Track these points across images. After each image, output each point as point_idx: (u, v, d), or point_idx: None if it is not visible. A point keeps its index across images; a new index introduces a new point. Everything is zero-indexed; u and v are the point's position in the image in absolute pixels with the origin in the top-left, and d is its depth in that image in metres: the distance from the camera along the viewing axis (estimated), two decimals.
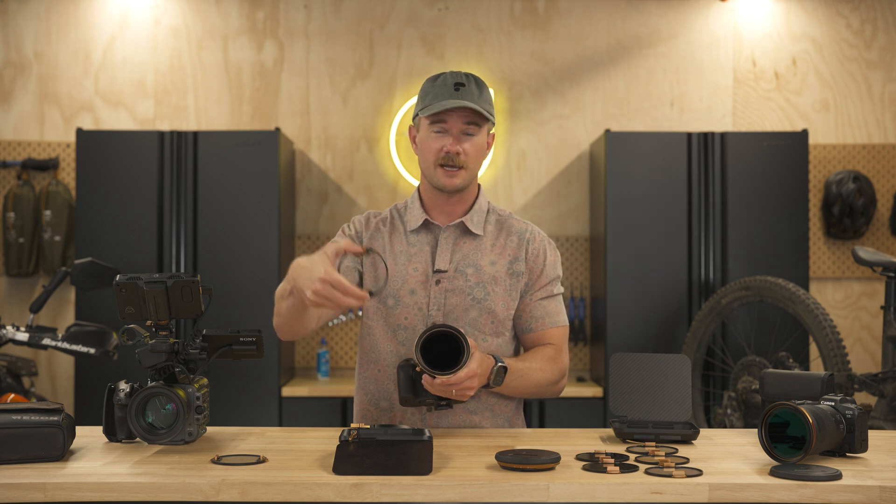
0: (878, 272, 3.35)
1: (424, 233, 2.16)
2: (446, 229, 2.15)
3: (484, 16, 4.79)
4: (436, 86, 2.09)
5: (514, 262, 2.14)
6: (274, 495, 1.53)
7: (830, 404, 1.76)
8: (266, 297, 4.18)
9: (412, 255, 2.13)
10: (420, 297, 2.10)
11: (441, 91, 2.07)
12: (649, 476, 1.56)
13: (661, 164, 4.30)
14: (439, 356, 1.83)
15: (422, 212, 2.16)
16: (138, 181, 4.25)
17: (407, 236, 2.16)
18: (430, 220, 2.15)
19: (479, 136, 2.10)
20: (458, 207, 2.16)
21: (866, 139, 4.80)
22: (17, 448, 1.66)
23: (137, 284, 1.78)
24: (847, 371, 3.35)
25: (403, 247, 2.15)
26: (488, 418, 2.11)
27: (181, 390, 1.78)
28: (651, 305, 4.26)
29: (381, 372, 2.12)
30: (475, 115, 2.07)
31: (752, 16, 4.82)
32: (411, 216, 2.17)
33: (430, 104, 2.07)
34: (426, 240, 2.15)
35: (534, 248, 2.16)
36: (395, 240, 2.16)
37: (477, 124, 2.08)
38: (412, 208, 2.18)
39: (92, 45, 4.75)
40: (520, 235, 2.17)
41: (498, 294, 2.11)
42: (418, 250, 2.13)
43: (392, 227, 2.18)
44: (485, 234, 2.16)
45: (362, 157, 4.77)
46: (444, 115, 2.06)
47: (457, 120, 2.06)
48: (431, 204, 2.17)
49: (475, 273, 2.11)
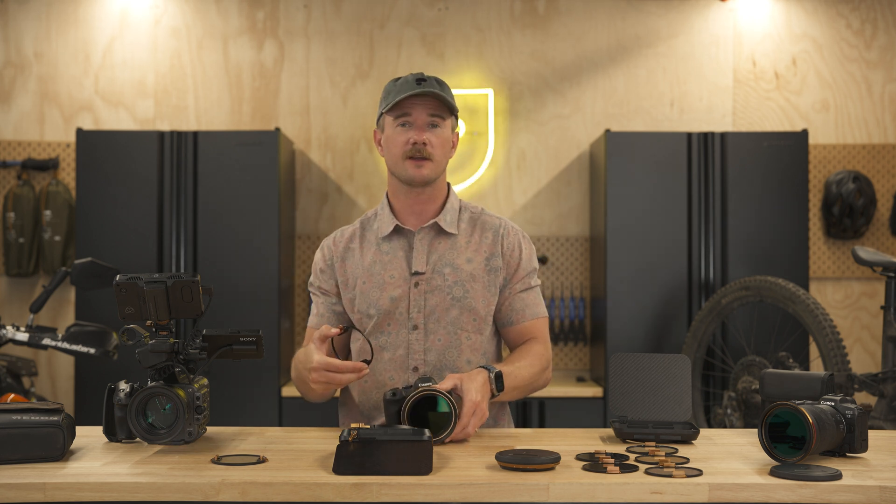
0: (878, 272, 3.36)
1: (397, 238, 2.16)
2: (420, 231, 2.15)
3: (484, 16, 4.79)
4: (397, 85, 2.11)
5: (491, 257, 2.15)
6: (274, 495, 1.52)
7: (830, 404, 1.76)
8: (266, 298, 4.21)
9: (386, 263, 2.13)
10: (400, 301, 2.11)
11: (403, 87, 2.08)
12: (649, 476, 1.56)
13: (661, 164, 4.30)
14: (425, 402, 1.86)
15: (392, 217, 2.16)
16: (138, 181, 4.25)
17: (379, 244, 2.16)
18: (402, 226, 2.15)
19: (444, 129, 2.11)
20: (428, 207, 2.16)
21: (866, 139, 4.80)
22: (17, 448, 1.66)
23: (137, 284, 1.78)
24: (847, 371, 3.35)
25: (377, 255, 2.15)
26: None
27: (181, 390, 1.78)
28: (651, 305, 4.26)
29: (367, 382, 2.13)
30: (438, 107, 2.08)
31: (752, 16, 4.82)
32: (381, 223, 2.17)
33: (393, 100, 2.08)
34: (399, 245, 2.15)
35: (509, 243, 2.17)
36: (366, 250, 2.16)
37: (441, 116, 2.10)
38: (381, 215, 2.18)
39: (92, 45, 4.75)
40: (494, 231, 2.18)
41: (477, 291, 2.12)
42: (392, 256, 2.13)
43: (362, 238, 2.18)
44: (459, 233, 2.17)
45: (362, 157, 4.77)
46: (408, 107, 2.08)
47: (421, 111, 2.08)
48: (402, 207, 2.17)
49: (453, 272, 2.12)
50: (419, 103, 2.08)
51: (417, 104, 2.08)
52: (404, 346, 2.10)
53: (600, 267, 4.39)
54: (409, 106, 2.08)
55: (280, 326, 4.24)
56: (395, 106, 2.08)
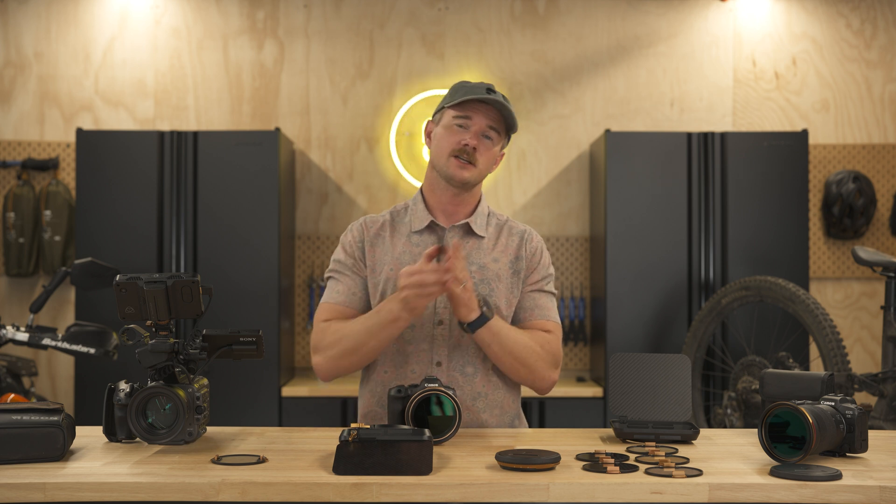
0: (878, 272, 3.36)
1: (428, 234, 2.19)
2: (451, 229, 2.18)
3: (484, 15, 4.79)
4: (468, 85, 2.15)
5: (516, 260, 2.20)
6: (274, 495, 1.52)
7: (830, 404, 1.76)
8: (266, 297, 4.21)
9: (416, 255, 2.15)
10: None
11: (473, 90, 2.12)
12: (649, 476, 1.56)
13: (661, 164, 4.30)
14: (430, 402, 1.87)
15: (427, 213, 2.20)
16: (138, 181, 4.25)
17: (410, 236, 2.19)
18: (435, 222, 2.19)
19: (495, 144, 2.16)
20: (460, 209, 2.20)
21: (866, 139, 4.80)
22: (17, 448, 1.66)
23: (137, 284, 1.78)
24: (847, 371, 3.35)
25: (407, 247, 2.17)
26: (496, 416, 2.13)
27: (181, 390, 1.78)
28: (651, 305, 4.26)
29: (388, 373, 2.13)
30: (499, 120, 2.13)
31: (752, 16, 4.82)
32: (415, 217, 2.20)
33: (461, 97, 2.12)
34: (430, 240, 2.18)
35: (532, 247, 2.23)
36: (397, 240, 2.19)
37: (497, 131, 2.15)
38: (416, 209, 2.21)
39: (92, 45, 4.75)
40: (520, 235, 2.24)
41: (501, 290, 2.15)
42: (422, 250, 2.16)
43: (393, 230, 2.21)
44: (487, 236, 2.21)
45: (362, 157, 4.77)
46: (472, 110, 2.11)
47: (481, 118, 2.12)
48: (435, 203, 2.20)
49: (479, 271, 2.15)
50: (482, 110, 2.12)
51: (481, 111, 2.12)
52: (428, 340, 2.12)
53: (600, 267, 4.39)
54: (473, 109, 2.12)
55: (280, 326, 4.24)
56: (460, 104, 2.12)
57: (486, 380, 2.12)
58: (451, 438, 1.84)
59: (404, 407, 1.87)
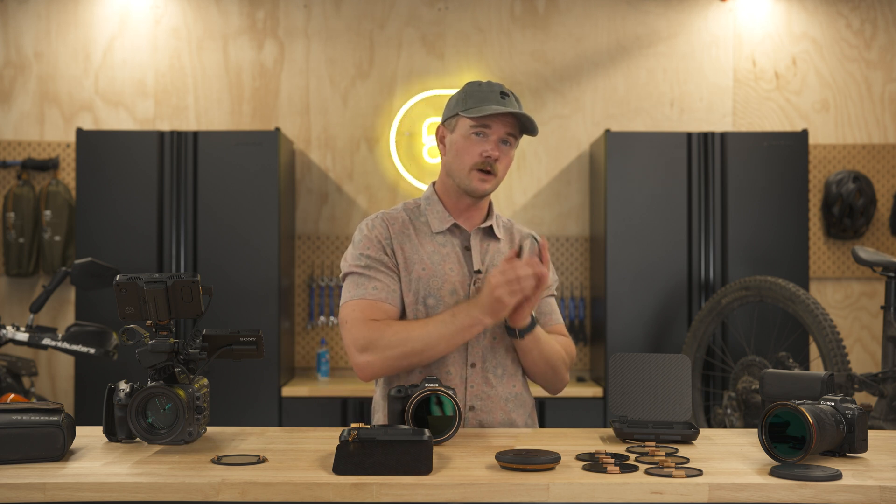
0: (878, 272, 3.36)
1: (449, 235, 2.19)
2: (476, 232, 2.20)
3: (484, 15, 4.79)
4: (482, 89, 2.12)
5: None
6: (274, 495, 1.52)
7: (830, 404, 1.76)
8: (266, 297, 4.21)
9: (444, 256, 2.15)
10: (460, 297, 2.13)
11: (489, 96, 2.10)
12: (649, 476, 1.56)
13: (661, 164, 4.30)
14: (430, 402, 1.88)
15: (447, 215, 2.19)
16: (138, 181, 4.25)
17: (434, 237, 2.18)
18: (458, 224, 2.19)
19: (513, 149, 2.16)
20: (475, 213, 2.21)
21: (866, 139, 4.80)
22: (17, 448, 1.65)
23: (137, 284, 1.78)
24: (847, 371, 3.35)
25: (434, 247, 2.17)
26: (522, 415, 2.16)
27: (181, 390, 1.78)
28: (651, 305, 4.26)
29: (423, 373, 2.13)
30: (515, 126, 2.12)
31: (752, 16, 4.82)
32: (435, 219, 2.19)
33: (478, 106, 2.09)
34: (454, 241, 2.18)
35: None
36: (423, 239, 2.18)
37: (515, 136, 2.14)
38: (434, 210, 2.20)
39: (92, 45, 4.75)
40: (529, 239, 2.24)
41: None
42: (449, 251, 2.16)
43: (415, 228, 2.20)
44: (502, 238, 2.24)
45: (362, 157, 4.77)
46: (490, 119, 2.09)
47: (500, 126, 2.10)
48: (452, 207, 2.20)
49: None
50: (500, 117, 2.10)
51: (499, 118, 2.10)
52: None
53: (600, 267, 4.39)
54: (491, 118, 2.10)
55: (280, 326, 4.24)
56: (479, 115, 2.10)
57: (515, 380, 2.16)
58: (451, 438, 1.84)
59: (404, 407, 1.87)
